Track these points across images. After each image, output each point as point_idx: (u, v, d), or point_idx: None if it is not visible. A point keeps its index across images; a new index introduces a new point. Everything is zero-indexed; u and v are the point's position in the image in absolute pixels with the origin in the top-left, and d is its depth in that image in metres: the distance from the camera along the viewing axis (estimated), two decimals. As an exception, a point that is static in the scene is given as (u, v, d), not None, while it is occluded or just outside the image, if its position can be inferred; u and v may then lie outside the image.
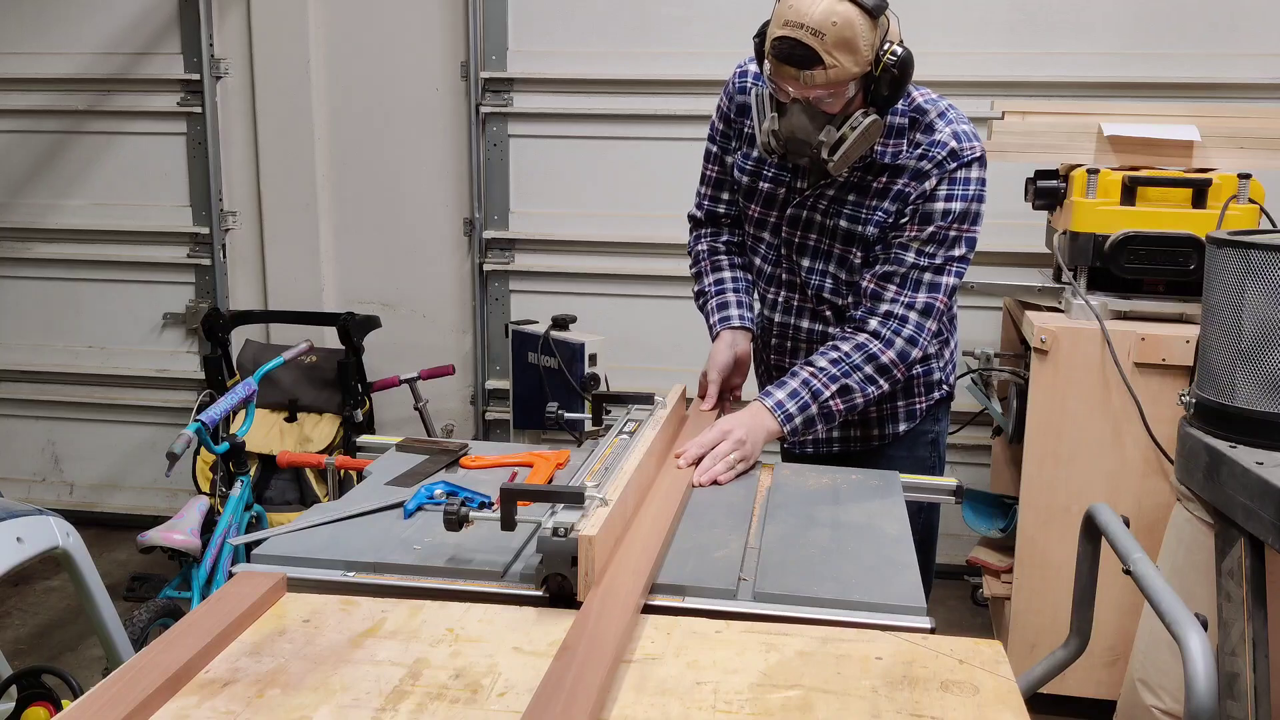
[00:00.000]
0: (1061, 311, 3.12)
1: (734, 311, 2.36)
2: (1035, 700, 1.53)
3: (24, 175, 4.64)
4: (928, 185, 2.09)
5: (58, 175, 4.62)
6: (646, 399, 2.17)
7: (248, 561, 1.60)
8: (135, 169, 4.55)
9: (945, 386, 2.43)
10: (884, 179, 2.13)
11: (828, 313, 2.28)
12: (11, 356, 4.75)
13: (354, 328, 3.98)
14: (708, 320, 2.42)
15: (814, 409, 2.09)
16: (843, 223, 2.17)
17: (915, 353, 2.13)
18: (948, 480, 2.11)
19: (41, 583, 4.07)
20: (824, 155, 2.01)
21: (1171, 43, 3.84)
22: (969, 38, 3.94)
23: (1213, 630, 2.15)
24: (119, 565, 4.23)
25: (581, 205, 4.27)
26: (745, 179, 2.29)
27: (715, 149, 2.39)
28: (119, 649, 2.39)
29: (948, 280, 2.14)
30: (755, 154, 2.25)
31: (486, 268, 4.37)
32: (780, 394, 2.10)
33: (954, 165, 2.08)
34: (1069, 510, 2.99)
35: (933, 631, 1.42)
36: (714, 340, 2.37)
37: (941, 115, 2.12)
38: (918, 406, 2.39)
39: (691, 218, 2.50)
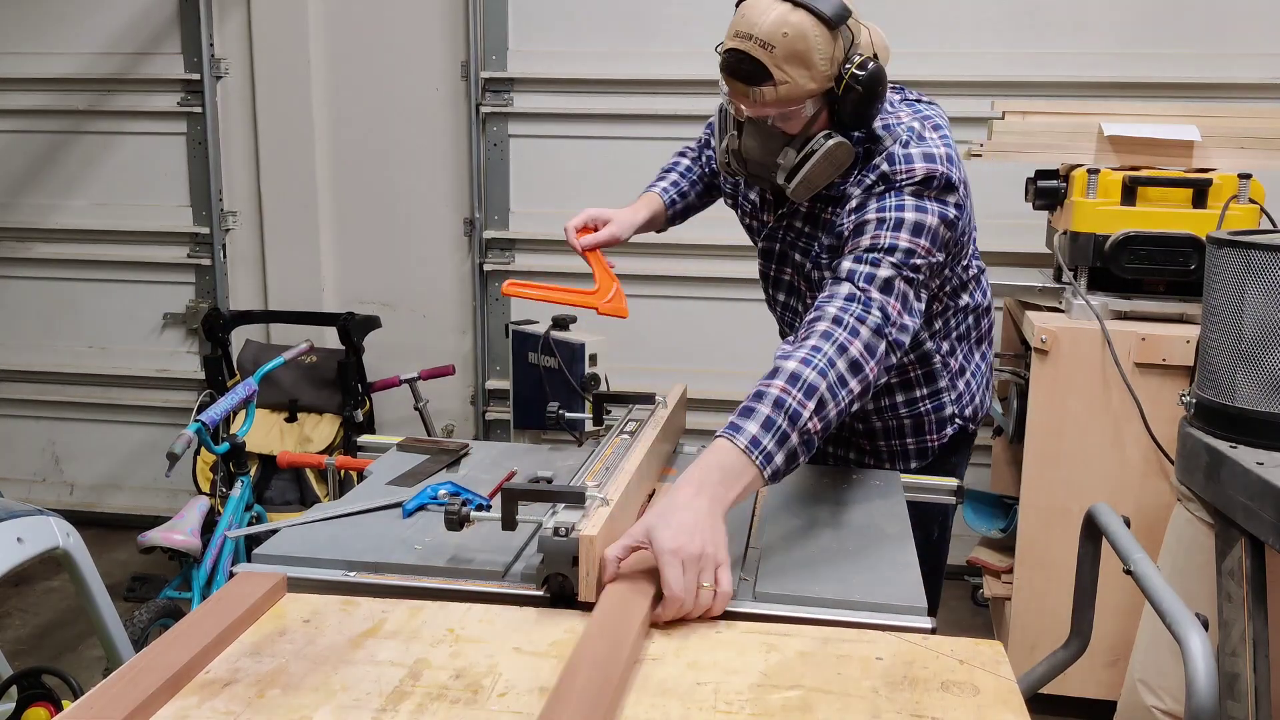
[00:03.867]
0: (1062, 311, 3.12)
1: (660, 183, 2.35)
2: (1035, 700, 1.53)
3: (24, 175, 4.64)
4: (854, 204, 1.86)
5: (58, 175, 4.62)
6: (647, 399, 2.17)
7: (248, 561, 1.60)
8: (135, 169, 4.55)
9: (959, 421, 2.19)
10: (831, 210, 1.96)
11: None
12: (11, 356, 4.75)
13: (354, 328, 3.98)
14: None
15: (795, 440, 1.57)
16: (804, 258, 2.03)
17: (882, 345, 1.69)
18: (948, 480, 2.10)
19: (41, 583, 4.06)
20: (780, 180, 1.85)
21: (1171, 43, 3.84)
22: (968, 38, 3.94)
23: (1213, 630, 2.15)
24: (119, 565, 4.22)
25: (581, 205, 4.24)
26: (727, 202, 2.25)
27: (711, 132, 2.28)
28: (119, 649, 2.39)
29: (910, 270, 1.78)
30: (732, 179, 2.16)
31: (486, 268, 4.37)
32: (753, 427, 1.55)
33: (881, 188, 1.83)
34: (1069, 510, 2.99)
35: (933, 632, 1.42)
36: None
37: (888, 127, 1.89)
38: (929, 444, 2.18)
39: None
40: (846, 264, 1.77)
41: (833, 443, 2.25)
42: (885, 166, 1.84)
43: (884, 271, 1.74)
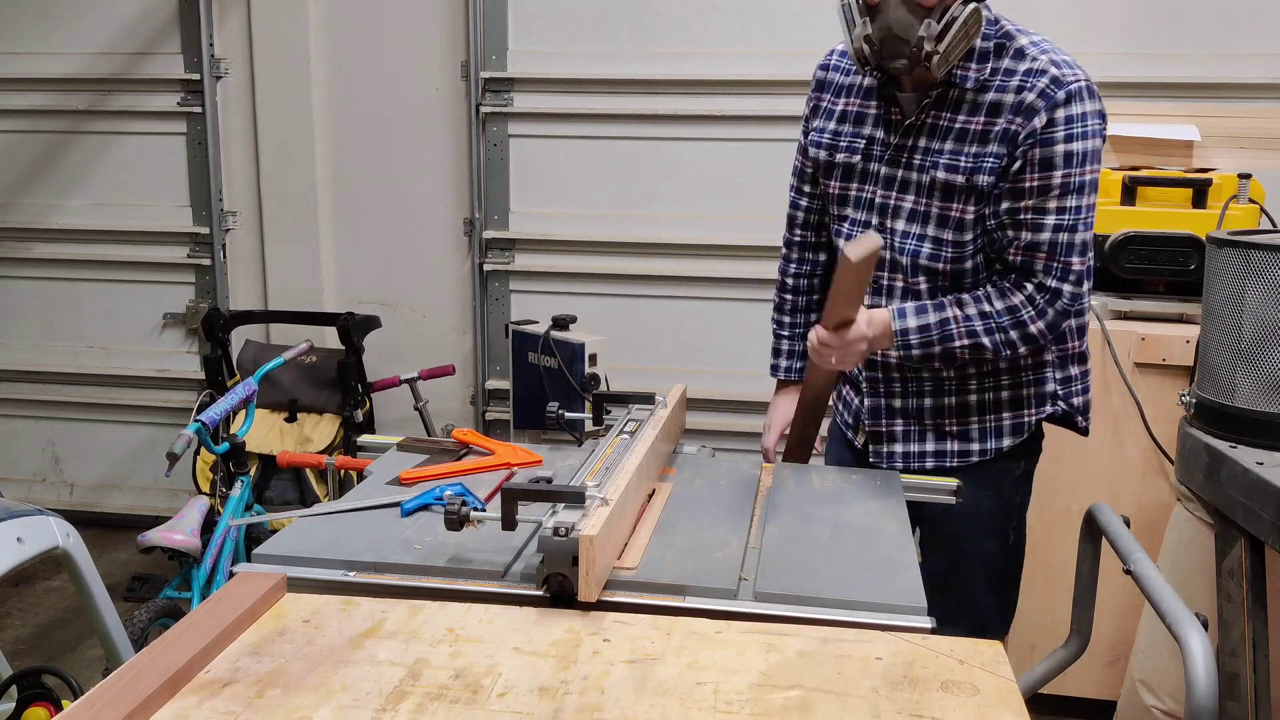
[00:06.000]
0: (1061, 311, 3.12)
1: (781, 361, 2.40)
2: (1035, 700, 1.53)
3: (24, 175, 4.64)
4: (1037, 123, 1.92)
5: (58, 175, 4.62)
6: (646, 399, 2.17)
7: (248, 561, 1.60)
8: (135, 169, 4.55)
9: (1061, 404, 2.18)
10: (981, 120, 1.97)
11: (922, 286, 2.08)
12: (11, 356, 4.75)
13: (354, 328, 3.98)
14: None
15: (937, 349, 2.01)
16: (940, 174, 2.01)
17: (1069, 322, 2.04)
18: (948, 480, 2.10)
19: (41, 583, 4.06)
20: (927, 48, 1.89)
21: (1171, 43, 3.83)
22: (969, 38, 3.94)
23: (1213, 630, 2.15)
24: (119, 565, 4.23)
25: (581, 205, 4.27)
26: (823, 154, 2.17)
27: (802, 139, 2.28)
28: (119, 649, 2.39)
29: (1088, 236, 1.98)
30: (832, 126, 2.16)
31: (486, 268, 4.37)
32: (913, 323, 2.01)
33: (1062, 96, 1.91)
34: (1069, 510, 2.99)
35: (933, 632, 1.42)
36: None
37: (1034, 43, 1.98)
38: (1026, 420, 2.16)
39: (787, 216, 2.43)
40: (1049, 220, 1.95)
41: (902, 440, 2.20)
42: (1054, 71, 1.94)
43: (1079, 238, 1.97)
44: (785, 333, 2.39)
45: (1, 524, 2.10)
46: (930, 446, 2.18)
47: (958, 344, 2.00)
